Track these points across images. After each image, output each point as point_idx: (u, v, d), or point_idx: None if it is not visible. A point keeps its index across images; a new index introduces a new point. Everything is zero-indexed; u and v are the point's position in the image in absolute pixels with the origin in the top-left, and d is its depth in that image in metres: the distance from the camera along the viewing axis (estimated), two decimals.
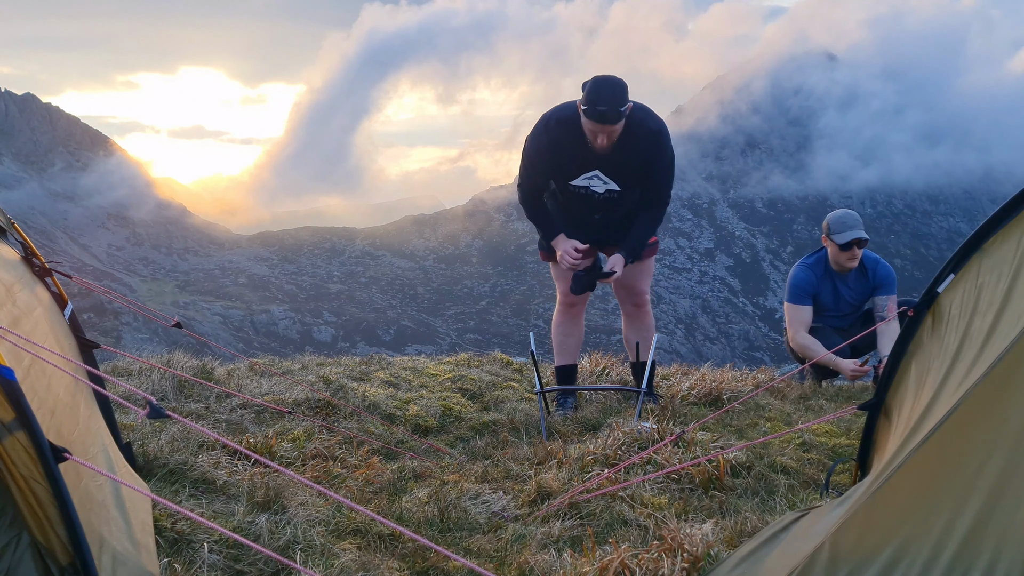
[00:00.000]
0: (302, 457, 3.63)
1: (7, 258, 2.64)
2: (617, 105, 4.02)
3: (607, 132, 4.11)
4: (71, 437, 2.28)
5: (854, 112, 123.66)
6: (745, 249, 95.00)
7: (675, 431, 3.62)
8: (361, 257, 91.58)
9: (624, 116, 4.08)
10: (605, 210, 4.49)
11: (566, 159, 4.33)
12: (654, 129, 4.27)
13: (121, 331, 54.12)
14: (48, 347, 2.31)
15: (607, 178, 4.35)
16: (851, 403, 4.72)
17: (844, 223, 5.33)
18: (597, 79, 4.10)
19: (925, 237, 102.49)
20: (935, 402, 2.13)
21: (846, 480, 3.30)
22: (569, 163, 4.34)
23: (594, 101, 4.03)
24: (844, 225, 5.33)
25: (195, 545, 2.54)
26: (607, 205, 4.45)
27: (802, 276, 5.52)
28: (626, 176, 4.34)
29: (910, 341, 2.72)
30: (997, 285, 2.16)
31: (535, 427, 4.39)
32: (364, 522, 2.87)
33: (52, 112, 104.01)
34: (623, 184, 4.36)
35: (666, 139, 4.33)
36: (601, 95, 4.03)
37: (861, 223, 5.36)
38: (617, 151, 4.24)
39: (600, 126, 4.08)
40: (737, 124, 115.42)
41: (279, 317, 70.07)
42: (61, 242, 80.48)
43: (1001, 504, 1.82)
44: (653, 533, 2.84)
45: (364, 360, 6.15)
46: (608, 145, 4.18)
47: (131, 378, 4.73)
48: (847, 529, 2.01)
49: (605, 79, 4.10)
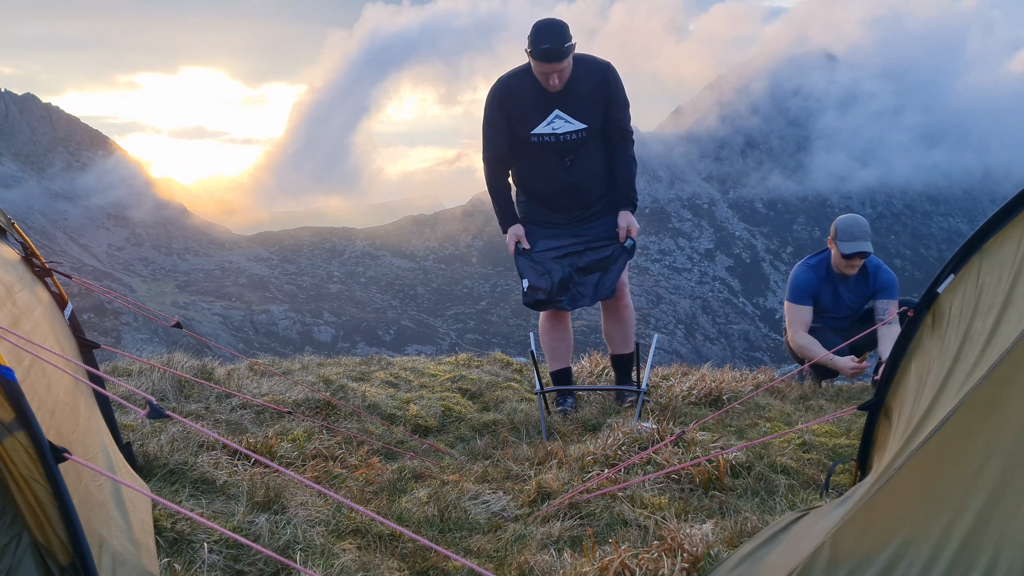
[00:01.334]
0: (302, 457, 3.63)
1: (7, 258, 2.63)
2: (561, 42, 4.19)
3: (556, 71, 4.26)
4: (71, 437, 2.28)
5: (853, 112, 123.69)
6: (745, 249, 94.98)
7: (675, 431, 3.61)
8: (361, 257, 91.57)
9: (569, 53, 4.24)
10: (574, 152, 4.51)
11: (526, 105, 4.45)
12: (603, 62, 4.47)
13: (121, 331, 54.11)
14: (48, 347, 2.31)
15: (568, 116, 4.45)
16: (851, 403, 4.72)
17: (852, 233, 5.30)
18: (538, 22, 4.29)
19: (925, 237, 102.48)
20: (936, 403, 2.13)
21: (846, 480, 3.30)
22: (529, 109, 4.45)
23: (537, 41, 4.21)
24: (851, 235, 5.29)
25: (195, 545, 2.54)
26: (575, 148, 4.50)
27: (803, 276, 5.52)
28: (586, 110, 4.45)
29: (910, 341, 2.72)
30: (998, 286, 2.16)
31: (535, 427, 4.39)
32: (364, 522, 2.87)
33: (52, 112, 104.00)
34: (587, 120, 4.45)
35: (615, 70, 4.50)
36: (542, 34, 4.22)
37: (869, 234, 5.32)
38: (572, 86, 4.39)
39: (548, 64, 4.24)
40: (736, 124, 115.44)
41: (279, 317, 70.05)
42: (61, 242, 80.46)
43: (1001, 505, 1.82)
44: (653, 533, 2.84)
45: (364, 360, 6.14)
46: (560, 84, 4.34)
47: (131, 378, 4.72)
48: (847, 529, 2.01)
49: (546, 20, 4.31)
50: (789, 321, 5.51)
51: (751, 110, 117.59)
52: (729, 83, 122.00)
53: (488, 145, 4.61)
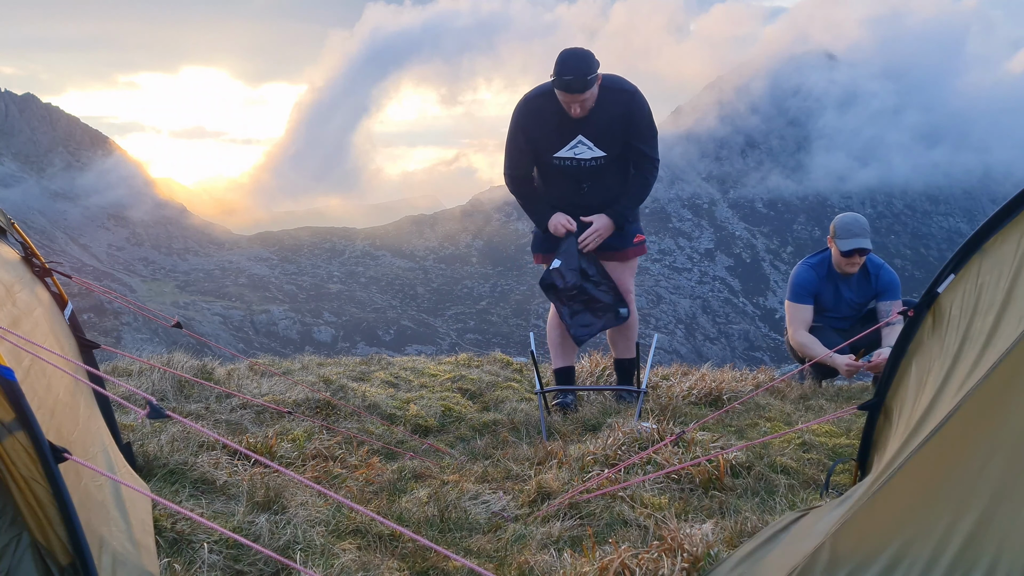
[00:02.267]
0: (302, 457, 3.63)
1: (7, 258, 2.63)
2: (583, 74, 4.18)
3: (577, 101, 4.27)
4: (71, 437, 2.28)
5: (853, 112, 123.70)
6: (745, 249, 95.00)
7: (675, 431, 3.61)
8: (361, 257, 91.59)
9: (592, 84, 4.23)
10: (592, 179, 4.56)
11: (550, 129, 4.47)
12: (628, 89, 4.45)
13: (121, 331, 54.12)
14: (48, 347, 2.31)
15: (591, 143, 4.47)
16: (851, 403, 4.72)
17: (850, 230, 5.32)
18: (564, 52, 4.27)
19: (925, 237, 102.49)
20: (936, 403, 2.13)
21: (846, 480, 3.30)
22: (552, 133, 4.47)
23: (560, 72, 4.21)
24: (849, 232, 5.31)
25: (195, 545, 2.53)
26: (594, 174, 4.54)
27: (804, 275, 5.52)
28: (609, 138, 4.45)
29: (910, 341, 2.72)
30: (997, 285, 2.16)
31: (535, 427, 4.39)
32: (364, 522, 2.87)
33: (52, 112, 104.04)
34: (607, 148, 4.47)
35: (641, 97, 4.47)
36: (567, 65, 4.21)
37: (868, 231, 5.34)
38: (596, 113, 4.39)
39: (569, 95, 4.25)
40: (736, 124, 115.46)
41: (279, 317, 70.06)
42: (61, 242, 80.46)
43: (1003, 505, 1.82)
44: (653, 533, 2.84)
45: (364, 360, 6.15)
46: (583, 112, 4.34)
47: (131, 378, 4.72)
48: (847, 529, 2.00)
49: (571, 51, 4.27)
50: (790, 320, 5.51)
51: (751, 110, 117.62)
52: (729, 82, 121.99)
53: (511, 164, 4.66)
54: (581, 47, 4.32)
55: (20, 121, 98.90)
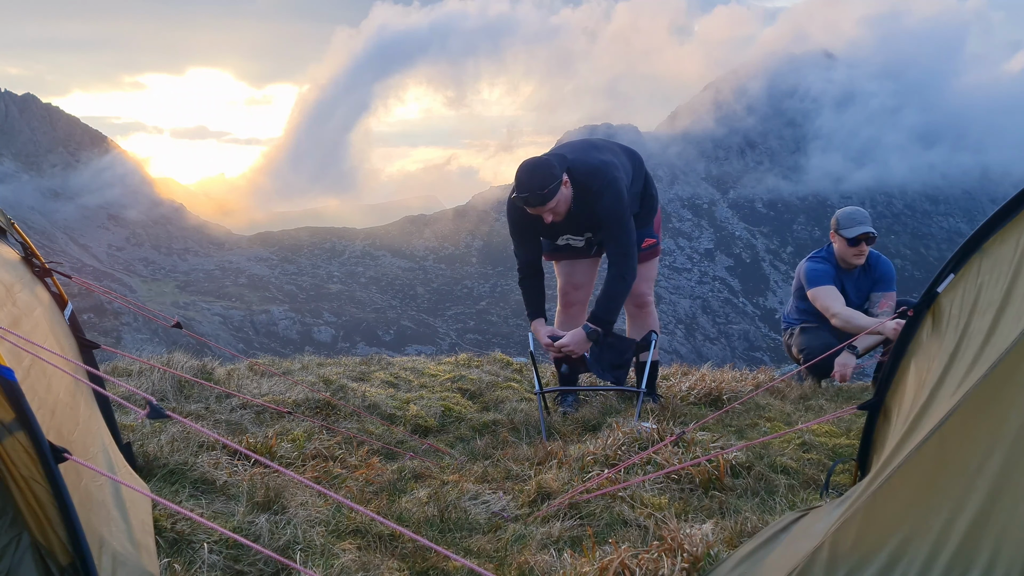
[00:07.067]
0: (302, 457, 3.63)
1: (7, 258, 2.63)
2: (536, 189, 4.13)
3: (541, 213, 4.24)
4: (71, 437, 2.28)
5: (851, 112, 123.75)
6: (745, 249, 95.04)
7: (675, 431, 3.62)
8: (361, 257, 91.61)
9: (551, 197, 4.15)
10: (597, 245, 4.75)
11: (540, 229, 4.53)
12: (594, 189, 4.31)
13: (121, 331, 54.14)
14: (48, 347, 2.31)
15: (574, 236, 4.59)
16: (851, 403, 4.72)
17: (853, 219, 5.38)
18: (522, 165, 4.23)
19: (925, 237, 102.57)
20: (935, 402, 2.13)
21: (846, 480, 3.30)
22: (543, 231, 4.55)
23: (518, 190, 4.20)
24: (853, 220, 5.37)
25: (195, 545, 2.53)
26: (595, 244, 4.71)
27: (815, 266, 5.55)
28: (592, 226, 4.52)
29: (910, 341, 2.72)
30: (997, 285, 2.16)
31: (535, 427, 4.39)
32: (364, 522, 2.87)
33: (52, 112, 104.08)
34: (595, 232, 4.57)
35: (610, 194, 4.29)
36: (521, 184, 4.18)
37: (870, 219, 5.41)
38: (573, 214, 4.39)
39: (532, 209, 4.23)
40: (735, 125, 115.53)
41: (279, 317, 70.08)
42: (61, 242, 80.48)
43: (1000, 504, 1.82)
44: (653, 533, 2.84)
45: (364, 360, 6.14)
46: (557, 218, 4.34)
47: (131, 378, 4.72)
48: (847, 529, 2.01)
49: (527, 166, 4.21)
50: (824, 303, 5.40)
51: (748, 111, 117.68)
52: (728, 83, 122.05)
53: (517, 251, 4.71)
54: (539, 156, 4.26)
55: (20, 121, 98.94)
